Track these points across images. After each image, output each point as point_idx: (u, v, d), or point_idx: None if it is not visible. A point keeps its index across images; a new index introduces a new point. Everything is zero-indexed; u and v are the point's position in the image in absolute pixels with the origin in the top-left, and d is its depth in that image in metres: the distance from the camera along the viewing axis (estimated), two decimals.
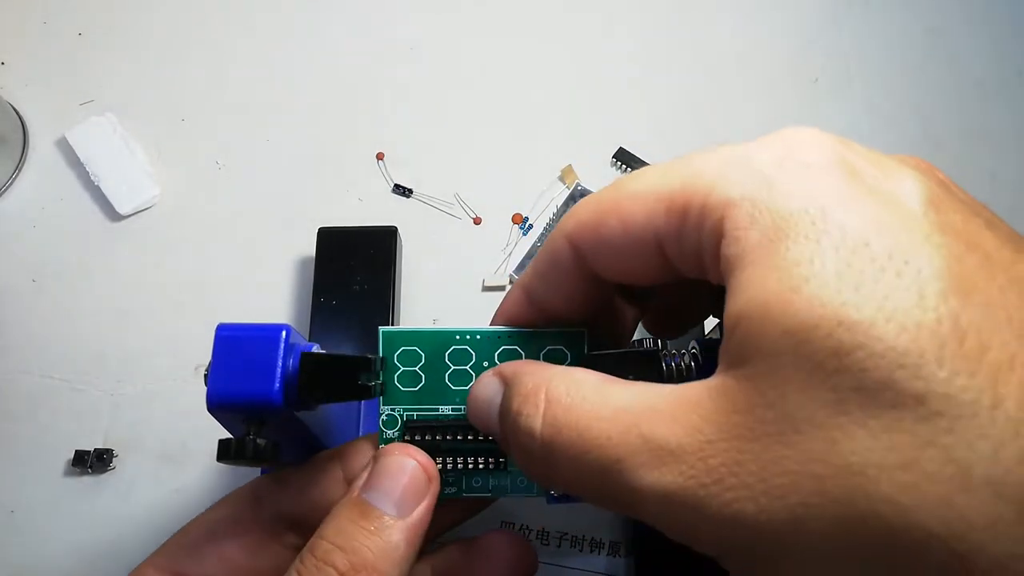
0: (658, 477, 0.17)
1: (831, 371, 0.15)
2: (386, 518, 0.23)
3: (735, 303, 0.17)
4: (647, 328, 0.28)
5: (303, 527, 0.26)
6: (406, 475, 0.24)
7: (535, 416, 0.19)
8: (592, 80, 0.49)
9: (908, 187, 0.17)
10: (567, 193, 0.46)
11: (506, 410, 0.21)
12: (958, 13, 0.51)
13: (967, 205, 0.17)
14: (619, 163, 0.47)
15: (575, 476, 0.19)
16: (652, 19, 0.51)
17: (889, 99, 0.49)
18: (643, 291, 0.27)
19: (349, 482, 0.26)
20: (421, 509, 0.24)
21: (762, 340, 0.16)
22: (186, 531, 0.27)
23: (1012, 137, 0.48)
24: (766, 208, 0.17)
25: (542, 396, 0.20)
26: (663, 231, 0.20)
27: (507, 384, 0.22)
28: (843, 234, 0.16)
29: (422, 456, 0.24)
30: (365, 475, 0.24)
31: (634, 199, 0.20)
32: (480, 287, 0.44)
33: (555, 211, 0.45)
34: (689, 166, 0.19)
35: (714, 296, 0.24)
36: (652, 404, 0.18)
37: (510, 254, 0.45)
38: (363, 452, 0.28)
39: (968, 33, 0.50)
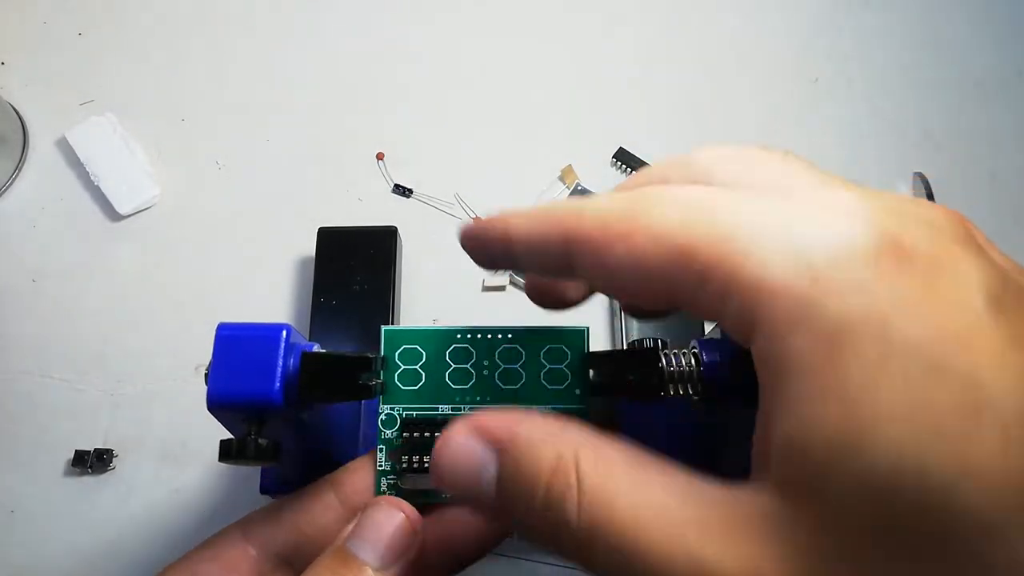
0: None
1: (913, 532, 0.14)
2: (367, 569, 0.23)
3: (786, 423, 0.15)
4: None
5: (296, 562, 0.26)
6: (391, 526, 0.23)
7: (570, 502, 0.17)
8: (592, 80, 0.49)
9: (966, 277, 0.15)
10: (567, 193, 0.46)
11: (518, 492, 0.18)
12: (958, 13, 0.51)
13: (1019, 287, 0.16)
14: (619, 163, 0.47)
15: (616, 573, 0.17)
16: (652, 19, 0.51)
17: (889, 99, 0.49)
18: None
19: (344, 508, 0.26)
20: (403, 563, 0.23)
21: (830, 483, 0.15)
22: (169, 573, 0.26)
23: (1012, 137, 0.48)
24: (814, 308, 0.15)
25: (573, 478, 0.17)
26: (678, 282, 0.17)
27: (505, 451, 0.18)
28: (914, 356, 0.14)
29: (409, 508, 0.24)
30: (352, 525, 0.24)
31: (649, 238, 0.18)
32: (480, 287, 0.44)
33: None
34: (717, 221, 0.17)
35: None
36: (699, 514, 0.16)
37: None
38: (358, 475, 0.27)
39: (968, 33, 0.50)
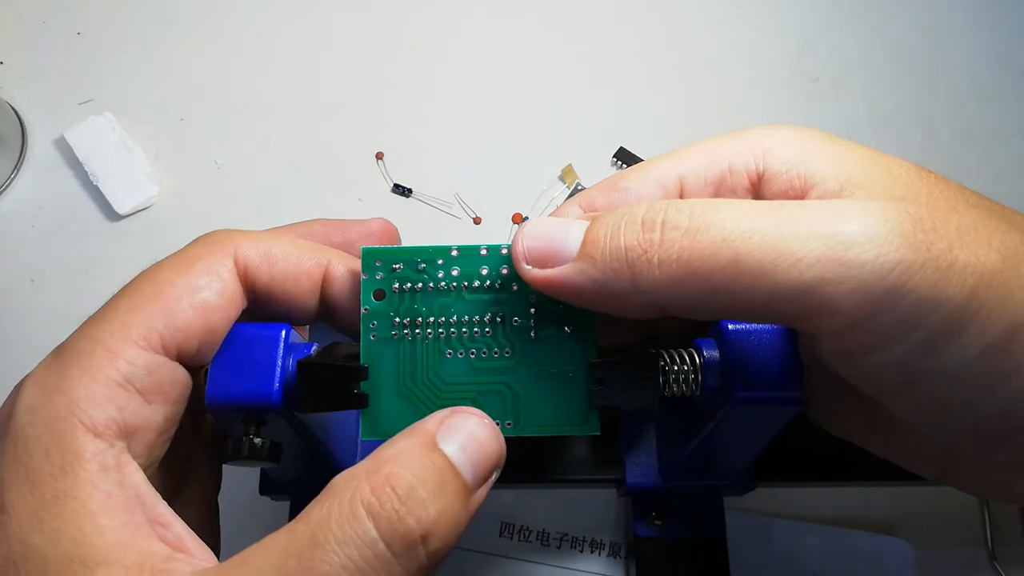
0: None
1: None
2: (465, 485, 0.20)
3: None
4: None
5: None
6: (490, 444, 0.21)
7: (679, 210, 0.20)
8: (592, 80, 0.49)
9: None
10: (567, 193, 0.46)
11: (613, 227, 0.20)
12: (958, 13, 0.51)
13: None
14: (619, 163, 0.47)
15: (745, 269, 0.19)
16: (652, 19, 0.51)
17: (889, 99, 0.49)
18: None
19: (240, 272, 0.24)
20: (485, 489, 0.21)
21: None
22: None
23: (1013, 137, 0.48)
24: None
25: (677, 201, 0.20)
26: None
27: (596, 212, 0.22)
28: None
29: (498, 430, 0.22)
30: (437, 423, 0.21)
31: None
32: None
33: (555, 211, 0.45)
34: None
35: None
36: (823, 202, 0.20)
37: None
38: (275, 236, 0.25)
39: (968, 33, 0.50)
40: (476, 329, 0.24)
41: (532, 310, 0.24)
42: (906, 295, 0.18)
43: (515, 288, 0.24)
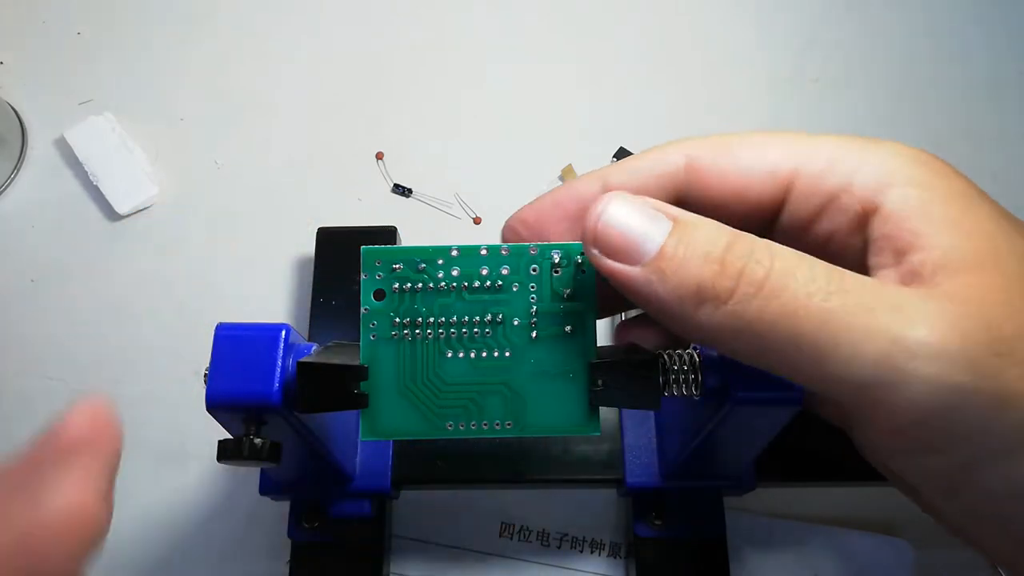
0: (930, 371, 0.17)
1: None
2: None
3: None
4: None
5: None
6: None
7: (762, 254, 0.19)
8: (592, 80, 0.49)
9: None
10: None
11: (692, 250, 0.20)
12: (958, 13, 0.51)
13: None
14: None
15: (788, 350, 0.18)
16: (652, 19, 0.51)
17: (889, 99, 0.49)
18: None
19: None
20: None
21: None
22: None
23: (1012, 137, 0.48)
24: None
25: (761, 244, 0.19)
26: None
27: (681, 221, 0.20)
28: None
29: None
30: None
31: None
32: None
33: None
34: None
35: None
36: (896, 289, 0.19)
37: None
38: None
39: (968, 33, 0.50)
40: (476, 329, 0.24)
41: (532, 310, 0.24)
42: (958, 419, 0.18)
43: (515, 288, 0.24)
